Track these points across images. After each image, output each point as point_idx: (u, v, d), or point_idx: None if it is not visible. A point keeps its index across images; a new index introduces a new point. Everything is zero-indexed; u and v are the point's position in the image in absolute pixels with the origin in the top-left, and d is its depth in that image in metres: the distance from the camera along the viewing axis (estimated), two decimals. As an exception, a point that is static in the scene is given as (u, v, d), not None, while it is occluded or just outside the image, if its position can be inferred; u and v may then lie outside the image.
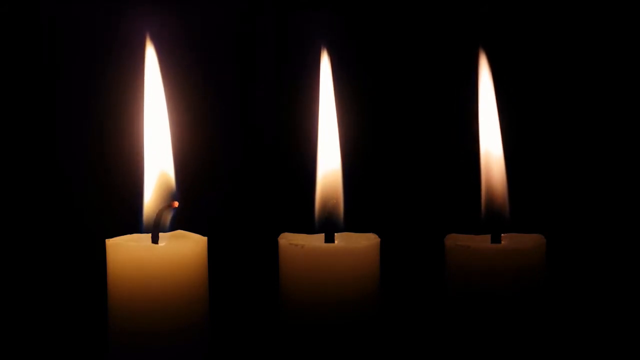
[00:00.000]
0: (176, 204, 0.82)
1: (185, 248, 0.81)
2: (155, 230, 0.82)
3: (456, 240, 0.83)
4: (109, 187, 1.03)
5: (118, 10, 1.02)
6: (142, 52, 0.85)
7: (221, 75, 1.05)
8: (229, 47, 1.05)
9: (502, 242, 0.83)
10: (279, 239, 0.84)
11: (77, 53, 1.03)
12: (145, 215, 0.83)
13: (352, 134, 0.89)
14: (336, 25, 1.00)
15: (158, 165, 0.84)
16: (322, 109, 0.86)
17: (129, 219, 0.85)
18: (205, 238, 0.83)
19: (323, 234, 0.84)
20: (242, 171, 1.06)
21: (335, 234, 0.84)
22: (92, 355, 0.97)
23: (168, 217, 0.83)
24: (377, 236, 0.84)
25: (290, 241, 0.82)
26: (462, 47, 1.03)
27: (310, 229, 0.85)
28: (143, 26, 0.89)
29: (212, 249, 0.83)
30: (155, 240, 0.82)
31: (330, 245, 0.83)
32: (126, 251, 0.80)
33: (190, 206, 0.86)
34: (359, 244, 0.82)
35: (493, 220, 0.83)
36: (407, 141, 1.05)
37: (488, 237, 0.83)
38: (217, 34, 1.05)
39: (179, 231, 0.84)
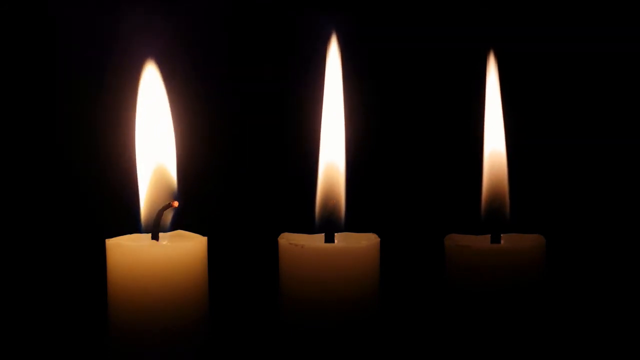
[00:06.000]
0: (176, 203, 0.83)
1: (185, 248, 0.81)
2: (155, 230, 0.82)
3: (456, 241, 0.83)
4: (109, 187, 1.03)
5: (118, 11, 1.02)
6: (144, 51, 0.86)
7: (221, 75, 1.05)
8: (230, 46, 1.05)
9: (502, 242, 0.83)
10: (279, 239, 0.84)
11: (76, 51, 1.03)
12: (145, 215, 0.83)
13: (354, 134, 0.89)
14: (341, 22, 1.00)
15: (156, 163, 0.84)
16: (324, 110, 0.86)
17: (129, 219, 0.85)
18: (205, 238, 0.83)
19: (323, 234, 0.84)
20: (242, 171, 1.06)
21: (335, 234, 0.84)
22: (92, 355, 0.97)
23: (168, 217, 0.83)
24: (377, 236, 0.84)
25: (290, 241, 0.82)
26: (466, 48, 1.03)
27: (310, 229, 0.85)
28: (144, 25, 0.89)
29: (212, 249, 0.83)
30: (155, 240, 0.82)
31: (330, 245, 0.83)
32: (126, 251, 0.80)
33: (190, 206, 0.86)
34: (359, 244, 0.82)
35: (493, 220, 0.83)
36: (407, 141, 1.05)
37: (488, 237, 0.83)
38: (218, 32, 1.05)
39: (179, 231, 0.84)
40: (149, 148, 0.84)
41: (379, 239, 0.84)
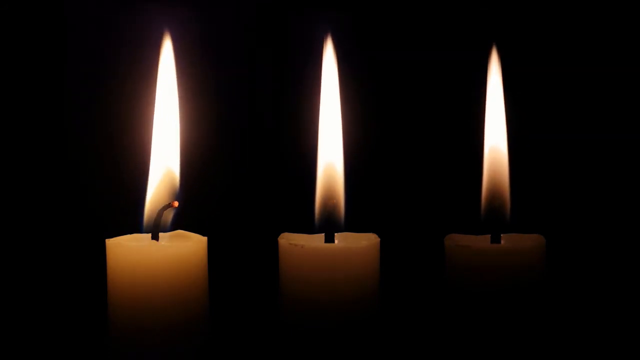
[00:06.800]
0: (176, 203, 0.83)
1: (185, 248, 0.81)
2: (155, 230, 0.82)
3: (456, 241, 0.83)
4: (110, 187, 1.03)
5: (130, 7, 1.02)
6: (153, 51, 0.86)
7: (221, 74, 1.05)
8: (231, 45, 1.05)
9: (502, 242, 0.83)
10: (279, 239, 0.84)
11: (86, 49, 1.03)
12: (145, 215, 0.83)
13: (353, 134, 0.89)
14: (340, 23, 1.00)
15: (164, 164, 0.84)
16: (323, 109, 0.86)
17: (129, 219, 0.85)
18: (205, 238, 0.83)
19: (323, 234, 0.84)
20: (242, 171, 1.06)
21: (335, 234, 0.84)
22: (92, 355, 0.97)
23: (168, 217, 0.83)
24: (377, 236, 0.84)
25: (290, 241, 0.82)
26: (466, 47, 1.03)
27: (310, 229, 0.85)
28: (154, 24, 0.89)
29: (212, 249, 0.83)
30: (155, 240, 0.82)
31: (330, 245, 0.83)
32: (126, 251, 0.80)
33: (190, 206, 0.86)
34: (359, 244, 0.82)
35: (493, 220, 0.83)
36: (407, 141, 1.05)
37: (488, 237, 0.83)
38: (219, 31, 1.05)
39: (179, 231, 0.84)
40: (163, 149, 0.84)
41: (379, 239, 0.84)
